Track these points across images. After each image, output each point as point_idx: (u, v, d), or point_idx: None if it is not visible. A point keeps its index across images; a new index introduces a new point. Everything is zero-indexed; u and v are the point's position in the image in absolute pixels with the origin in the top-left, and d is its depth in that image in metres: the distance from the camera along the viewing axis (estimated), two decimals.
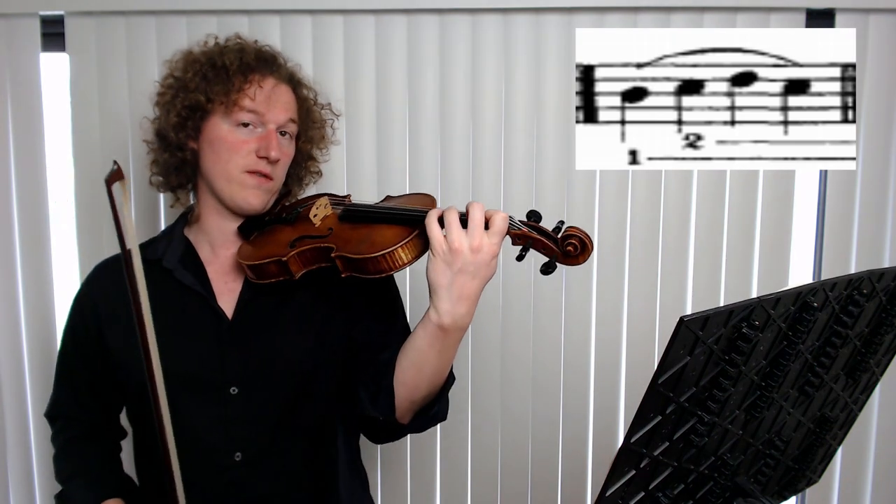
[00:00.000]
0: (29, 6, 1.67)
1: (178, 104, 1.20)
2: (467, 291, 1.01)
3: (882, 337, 1.01)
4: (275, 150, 1.18)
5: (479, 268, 1.00)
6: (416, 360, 1.09)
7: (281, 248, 1.15)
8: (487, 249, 1.00)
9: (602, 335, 1.79)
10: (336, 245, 1.10)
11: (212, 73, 1.19)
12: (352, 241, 1.11)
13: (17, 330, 1.76)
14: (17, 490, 1.82)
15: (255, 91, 1.18)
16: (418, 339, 1.08)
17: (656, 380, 0.74)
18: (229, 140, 1.18)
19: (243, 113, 1.18)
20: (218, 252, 1.26)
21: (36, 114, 1.72)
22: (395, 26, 1.71)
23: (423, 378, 1.10)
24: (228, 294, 1.22)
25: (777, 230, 1.77)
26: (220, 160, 1.19)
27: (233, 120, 1.18)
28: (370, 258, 1.05)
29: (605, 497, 0.77)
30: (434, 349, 1.07)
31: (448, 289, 1.01)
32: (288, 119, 1.22)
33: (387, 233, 1.08)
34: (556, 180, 1.74)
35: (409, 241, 1.05)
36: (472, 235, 0.99)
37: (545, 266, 1.02)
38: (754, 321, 0.79)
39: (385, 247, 1.05)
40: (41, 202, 1.74)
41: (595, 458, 1.83)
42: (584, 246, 1.02)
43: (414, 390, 1.12)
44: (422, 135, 1.74)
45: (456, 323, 1.03)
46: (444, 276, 1.01)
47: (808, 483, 1.18)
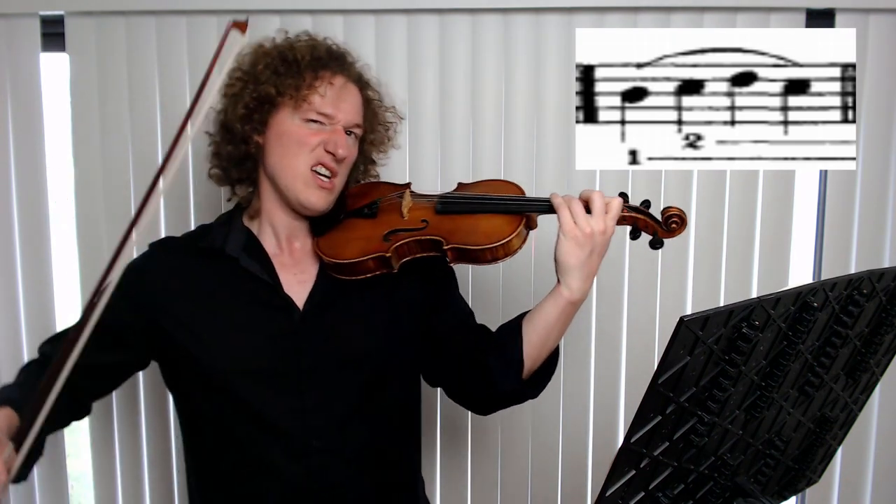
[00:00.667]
0: (29, 6, 1.67)
1: (247, 96, 1.19)
2: (594, 269, 1.15)
3: (882, 337, 1.01)
4: (342, 148, 1.18)
5: (602, 247, 1.15)
6: (544, 333, 1.19)
7: (375, 243, 1.18)
8: (610, 231, 1.15)
9: (602, 335, 1.79)
10: (444, 237, 1.15)
11: (283, 66, 1.19)
12: (458, 231, 1.16)
13: (17, 330, 1.76)
14: (16, 490, 1.82)
15: (325, 88, 1.19)
16: (548, 314, 1.18)
17: (656, 380, 0.74)
18: (298, 134, 1.18)
19: (312, 111, 1.18)
20: (284, 244, 1.26)
21: (36, 114, 1.72)
22: (395, 26, 1.71)
23: (546, 347, 1.22)
24: (298, 286, 1.22)
25: (777, 230, 1.76)
26: (288, 154, 1.18)
27: (302, 115, 1.18)
28: (487, 248, 1.13)
29: (605, 497, 0.77)
30: (561, 321, 1.19)
31: (580, 268, 1.13)
32: (355, 121, 1.23)
33: (496, 223, 1.16)
34: (556, 180, 1.74)
35: (520, 229, 1.15)
36: (598, 219, 1.13)
37: (653, 243, 1.17)
38: (754, 321, 0.79)
39: (501, 237, 1.13)
40: (41, 202, 1.74)
41: (595, 458, 1.83)
42: (682, 220, 1.15)
43: (536, 360, 1.22)
44: (422, 135, 1.74)
45: (583, 297, 1.17)
46: (577, 257, 1.13)
47: (808, 483, 1.18)
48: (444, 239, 1.15)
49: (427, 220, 1.19)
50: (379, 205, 1.26)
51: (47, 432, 1.13)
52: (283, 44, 1.24)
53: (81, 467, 2.19)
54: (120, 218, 1.74)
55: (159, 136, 1.73)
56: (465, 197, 1.23)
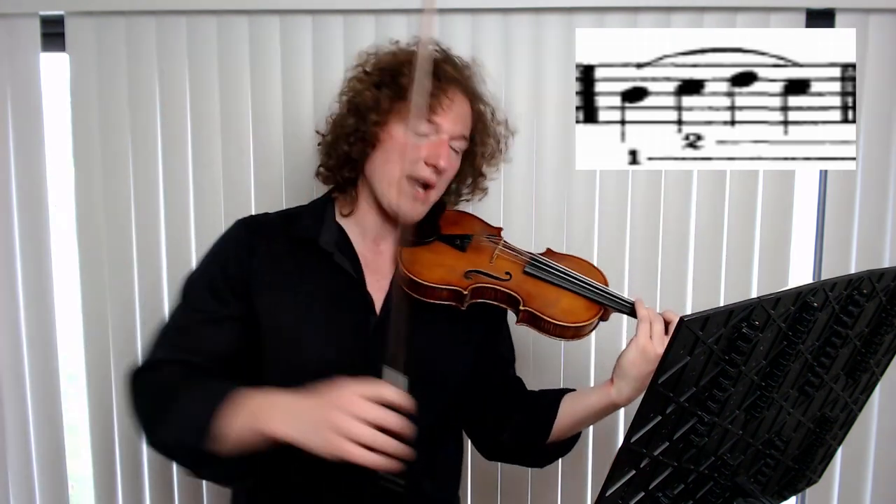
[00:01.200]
0: (29, 6, 1.67)
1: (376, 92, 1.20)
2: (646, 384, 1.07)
3: (882, 337, 1.01)
4: (444, 160, 1.18)
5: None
6: (580, 418, 1.24)
7: (456, 276, 1.19)
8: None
9: (602, 335, 1.79)
10: (523, 297, 1.17)
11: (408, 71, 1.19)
12: (538, 298, 1.18)
13: (17, 330, 1.76)
14: (17, 490, 1.82)
15: (440, 100, 1.18)
16: (591, 405, 1.21)
17: (656, 380, 0.74)
18: (401, 142, 1.18)
19: (423, 122, 1.18)
20: (373, 247, 1.27)
21: (36, 114, 1.72)
22: (394, 26, 1.71)
23: (573, 430, 1.27)
24: (378, 291, 1.22)
25: (777, 230, 1.76)
26: (388, 161, 1.19)
27: (411, 126, 1.18)
28: (562, 325, 1.15)
29: (605, 497, 0.77)
30: (599, 416, 1.22)
31: (637, 380, 1.15)
32: (461, 133, 1.23)
33: (576, 304, 1.19)
34: (556, 180, 1.74)
35: (596, 318, 1.18)
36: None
37: None
38: (754, 321, 0.79)
39: (577, 320, 1.16)
40: (41, 202, 1.74)
41: (595, 458, 1.83)
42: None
43: (560, 436, 1.26)
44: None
45: (628, 403, 1.18)
46: (641, 371, 1.15)
47: (808, 483, 1.18)
48: (523, 300, 1.17)
49: (511, 274, 1.22)
50: (472, 241, 1.28)
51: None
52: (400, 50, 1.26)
53: (81, 468, 2.19)
54: (120, 218, 1.74)
55: (159, 136, 1.73)
56: (555, 268, 1.24)
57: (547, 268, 1.24)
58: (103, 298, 1.75)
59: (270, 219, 1.27)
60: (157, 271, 1.75)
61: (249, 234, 1.22)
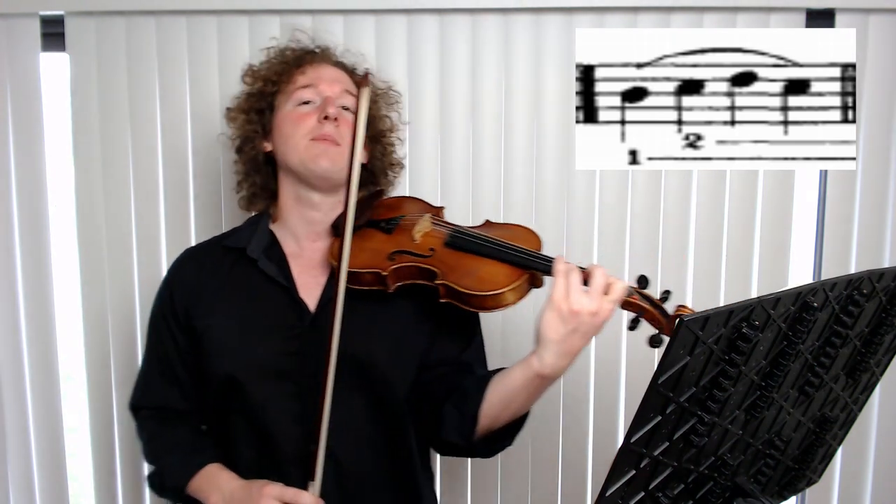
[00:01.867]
0: (29, 6, 1.67)
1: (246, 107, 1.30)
2: (574, 348, 1.05)
3: (882, 337, 1.01)
4: (332, 107, 1.22)
5: (590, 329, 1.04)
6: (507, 398, 1.12)
7: (379, 259, 1.16)
8: (603, 314, 1.03)
9: (602, 335, 1.78)
10: (441, 270, 1.12)
11: (266, 68, 1.31)
12: (457, 269, 1.11)
13: (17, 330, 1.76)
14: (17, 490, 1.82)
15: (306, 69, 1.27)
16: (514, 381, 1.10)
17: (656, 380, 0.74)
18: (292, 116, 1.24)
19: (299, 90, 1.25)
20: (304, 245, 1.27)
21: (36, 114, 1.72)
22: (395, 26, 1.71)
23: (507, 413, 1.14)
24: (315, 287, 1.23)
25: (777, 230, 1.76)
26: (288, 136, 1.23)
27: (293, 100, 1.25)
28: (477, 295, 1.07)
29: (605, 497, 0.77)
30: (527, 391, 1.10)
31: (558, 343, 1.04)
32: (343, 90, 1.27)
33: (495, 270, 1.10)
34: (556, 180, 1.74)
35: (518, 284, 1.08)
36: (592, 299, 1.02)
37: (653, 340, 1.05)
38: (754, 321, 0.79)
39: (494, 287, 1.07)
40: (41, 202, 1.74)
41: (595, 458, 1.83)
42: None
43: (495, 421, 1.15)
44: (422, 135, 1.73)
45: (555, 373, 1.06)
46: (558, 332, 1.03)
47: (808, 483, 1.18)
48: (441, 273, 1.11)
49: (434, 250, 1.17)
50: (399, 222, 1.25)
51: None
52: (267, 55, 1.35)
53: (81, 468, 2.19)
54: (120, 218, 1.74)
55: (159, 136, 1.73)
56: (475, 236, 1.18)
57: (467, 237, 1.18)
58: (103, 299, 1.75)
59: (210, 242, 1.34)
60: (157, 271, 1.75)
61: (180, 267, 1.31)
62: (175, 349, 1.26)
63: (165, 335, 1.27)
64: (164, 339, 1.27)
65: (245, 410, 1.19)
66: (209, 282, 1.25)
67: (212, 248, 1.31)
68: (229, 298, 1.23)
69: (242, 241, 1.27)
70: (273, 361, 1.18)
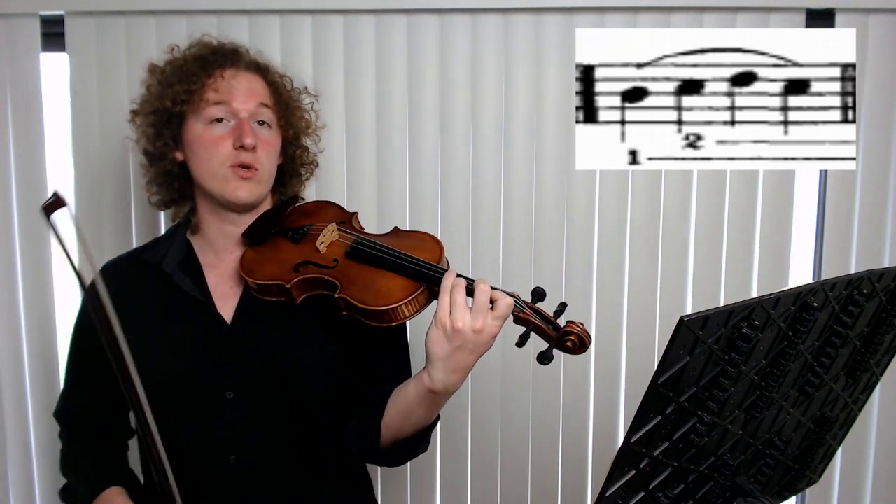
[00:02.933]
0: (29, 6, 1.67)
1: (148, 114, 1.22)
2: (462, 364, 1.04)
3: (882, 337, 1.01)
4: (249, 137, 1.16)
5: (477, 346, 1.03)
6: (404, 411, 1.13)
7: (285, 271, 1.15)
8: (489, 331, 1.02)
9: (602, 335, 1.79)
10: (341, 283, 1.10)
11: (173, 77, 1.21)
12: (357, 282, 1.10)
13: (17, 330, 1.76)
14: (17, 490, 1.82)
15: (217, 83, 1.18)
16: (409, 395, 1.11)
17: (656, 380, 0.74)
18: (205, 139, 1.18)
19: (211, 107, 1.18)
20: (221, 256, 1.26)
21: (36, 114, 1.72)
22: (395, 26, 1.71)
23: (408, 425, 1.15)
24: (231, 298, 1.22)
25: (777, 230, 1.76)
26: (203, 160, 1.19)
27: (204, 118, 1.18)
28: (373, 310, 1.06)
29: (605, 497, 0.77)
30: (423, 406, 1.11)
31: (444, 361, 1.03)
32: (258, 104, 1.21)
33: (392, 284, 1.08)
34: (556, 180, 1.74)
35: (414, 297, 1.07)
36: (476, 317, 1.01)
37: (541, 356, 1.04)
38: (754, 321, 0.79)
39: (390, 301, 1.06)
40: (41, 202, 1.73)
41: (595, 458, 1.83)
42: (581, 344, 1.03)
43: (398, 433, 1.16)
44: (422, 135, 1.73)
45: (447, 389, 1.06)
46: (443, 349, 1.03)
47: (808, 483, 1.18)
48: (341, 285, 1.10)
49: (338, 261, 1.15)
50: (307, 231, 1.22)
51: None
52: (174, 57, 1.25)
53: None
54: (120, 218, 1.74)
55: None
56: (375, 246, 1.15)
57: (367, 248, 1.14)
58: None
59: (129, 255, 1.32)
60: None
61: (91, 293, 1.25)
62: (94, 362, 1.22)
63: (85, 347, 1.26)
64: (84, 353, 1.27)
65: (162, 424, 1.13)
66: (126, 296, 1.17)
67: (130, 262, 1.28)
68: (146, 313, 1.20)
69: (159, 255, 1.25)
70: (190, 374, 1.16)
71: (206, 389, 1.17)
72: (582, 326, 1.03)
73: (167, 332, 1.19)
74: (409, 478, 1.82)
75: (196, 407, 1.16)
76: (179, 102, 1.18)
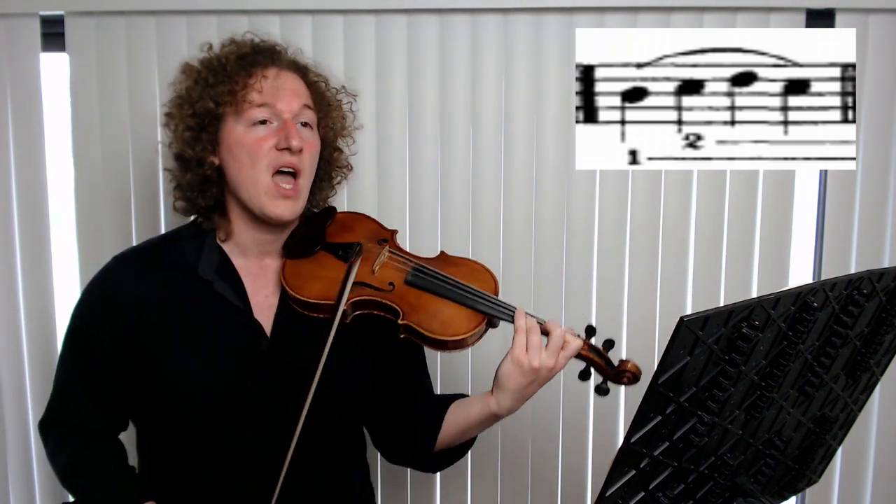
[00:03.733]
0: (29, 6, 1.67)
1: (186, 116, 1.15)
2: (529, 394, 1.15)
3: (882, 337, 1.01)
4: (295, 139, 1.12)
5: (545, 380, 1.13)
6: (462, 429, 1.22)
7: (336, 290, 1.13)
8: (559, 369, 1.12)
9: (602, 335, 1.79)
10: (403, 310, 1.12)
11: (213, 77, 1.15)
12: (419, 310, 1.12)
13: (17, 330, 1.76)
14: (17, 490, 1.82)
15: (260, 83, 1.13)
16: (471, 416, 1.20)
17: (656, 380, 0.74)
18: (247, 141, 1.13)
19: (254, 109, 1.13)
20: (255, 263, 1.22)
21: (36, 114, 1.72)
22: (395, 26, 1.71)
23: (459, 440, 1.25)
24: (268, 308, 1.19)
25: (777, 230, 1.76)
26: (244, 165, 1.13)
27: (246, 119, 1.13)
28: (439, 340, 1.11)
29: (605, 497, 0.77)
30: (482, 426, 1.21)
31: (515, 392, 1.13)
32: (302, 105, 1.17)
33: (458, 315, 1.13)
34: (556, 180, 1.74)
35: (478, 329, 1.13)
36: (551, 357, 1.11)
37: (598, 389, 1.14)
38: (754, 321, 0.79)
39: (456, 333, 1.11)
40: (41, 202, 1.74)
41: (595, 458, 1.83)
42: (636, 379, 1.13)
43: (448, 445, 1.25)
44: (422, 135, 1.73)
45: (510, 413, 1.17)
46: (517, 383, 1.12)
47: (808, 483, 1.18)
48: (403, 312, 1.11)
49: (394, 285, 1.15)
50: (357, 250, 1.20)
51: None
52: (209, 56, 1.19)
53: None
54: (120, 218, 1.74)
55: (159, 136, 1.73)
56: (438, 276, 1.16)
57: (428, 276, 1.16)
58: None
59: (148, 250, 1.23)
60: None
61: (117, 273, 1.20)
62: (104, 360, 1.17)
63: (94, 345, 1.17)
64: (92, 350, 1.17)
65: (199, 435, 1.15)
66: (155, 298, 1.16)
67: (152, 259, 1.21)
68: (181, 319, 1.15)
69: (188, 257, 1.18)
70: (229, 385, 1.14)
71: (244, 400, 1.14)
72: (635, 364, 1.13)
73: (206, 340, 1.15)
74: (410, 478, 1.82)
75: (235, 417, 1.14)
76: (222, 104, 1.13)
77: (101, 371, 1.18)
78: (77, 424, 1.22)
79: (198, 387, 1.13)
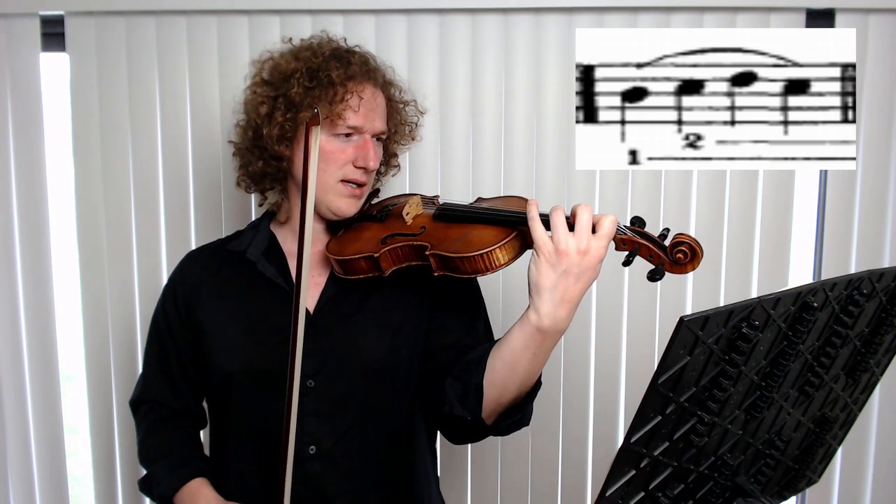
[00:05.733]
0: (29, 6, 1.67)
1: (281, 117, 1.17)
2: (570, 294, 0.99)
3: (882, 337, 1.01)
4: (373, 161, 1.19)
5: (584, 270, 0.97)
6: (510, 361, 1.06)
7: (372, 244, 1.16)
8: (594, 252, 0.97)
9: (602, 335, 1.79)
10: (431, 243, 1.10)
11: (311, 81, 1.17)
12: (447, 239, 1.10)
13: (17, 330, 1.76)
14: (17, 490, 1.82)
15: (357, 102, 1.17)
16: (514, 340, 1.05)
17: (656, 380, 0.74)
18: (327, 150, 1.16)
19: (343, 126, 1.17)
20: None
21: (36, 114, 1.72)
22: (395, 26, 1.71)
23: (514, 380, 1.07)
24: (314, 288, 1.23)
25: (777, 230, 1.77)
26: (317, 170, 1.15)
27: (331, 131, 1.17)
28: (467, 257, 1.05)
29: (605, 497, 0.77)
30: (529, 351, 1.04)
31: (551, 291, 0.98)
32: (382, 129, 1.23)
33: (484, 233, 1.08)
34: (556, 180, 1.74)
35: (507, 241, 1.05)
36: (580, 237, 0.97)
37: (652, 273, 0.99)
38: (754, 321, 0.79)
39: (482, 247, 1.04)
40: (41, 202, 1.74)
41: (595, 458, 1.83)
42: (693, 253, 0.99)
43: (503, 391, 1.08)
44: (422, 134, 1.73)
45: (555, 325, 1.00)
46: (549, 277, 0.98)
47: (808, 483, 1.18)
48: (431, 245, 1.09)
49: (425, 228, 1.16)
50: (391, 209, 1.24)
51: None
52: (307, 54, 1.20)
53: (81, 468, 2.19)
54: (120, 218, 1.74)
55: (159, 136, 1.73)
56: (461, 206, 1.17)
57: (453, 209, 1.16)
58: (103, 299, 1.75)
59: (213, 244, 1.35)
60: (157, 271, 1.75)
61: (183, 267, 1.31)
62: (174, 346, 1.28)
63: (164, 332, 1.29)
64: (164, 336, 1.29)
65: (243, 410, 1.20)
66: (210, 282, 1.26)
67: (215, 251, 1.32)
68: (230, 299, 1.24)
69: (243, 244, 1.28)
70: (271, 361, 1.17)
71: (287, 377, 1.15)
72: (690, 236, 0.99)
73: (250, 318, 1.22)
74: None
75: (277, 395, 1.14)
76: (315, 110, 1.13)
77: (174, 354, 1.28)
78: (157, 403, 1.32)
79: (240, 363, 1.19)
